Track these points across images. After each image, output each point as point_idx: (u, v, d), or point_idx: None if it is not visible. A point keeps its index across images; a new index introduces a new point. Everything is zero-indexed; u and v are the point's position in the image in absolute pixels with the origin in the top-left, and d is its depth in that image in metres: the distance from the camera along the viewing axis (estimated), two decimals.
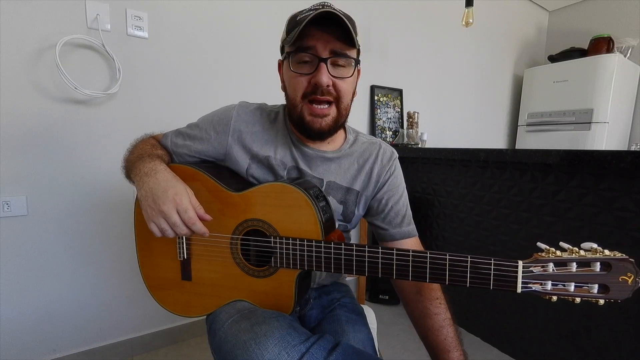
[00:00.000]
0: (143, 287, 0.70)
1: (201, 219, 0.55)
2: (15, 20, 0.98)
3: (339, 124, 0.63)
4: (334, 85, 0.58)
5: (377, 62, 1.85)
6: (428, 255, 0.49)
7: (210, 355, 0.58)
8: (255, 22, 1.42)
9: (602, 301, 0.43)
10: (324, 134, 0.62)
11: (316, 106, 0.59)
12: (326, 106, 0.59)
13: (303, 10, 0.58)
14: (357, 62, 0.60)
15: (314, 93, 0.58)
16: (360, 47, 0.61)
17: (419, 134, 1.83)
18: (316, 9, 0.56)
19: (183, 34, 1.26)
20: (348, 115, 0.65)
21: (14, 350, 1.08)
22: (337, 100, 0.60)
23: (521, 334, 1.28)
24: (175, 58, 1.25)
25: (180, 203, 0.53)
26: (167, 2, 1.21)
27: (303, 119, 0.61)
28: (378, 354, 0.73)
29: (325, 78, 0.56)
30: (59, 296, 1.13)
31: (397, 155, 0.74)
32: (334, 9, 0.55)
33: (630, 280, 0.41)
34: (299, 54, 0.58)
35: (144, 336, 1.29)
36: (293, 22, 0.58)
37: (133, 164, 0.63)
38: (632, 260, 0.42)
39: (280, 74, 0.67)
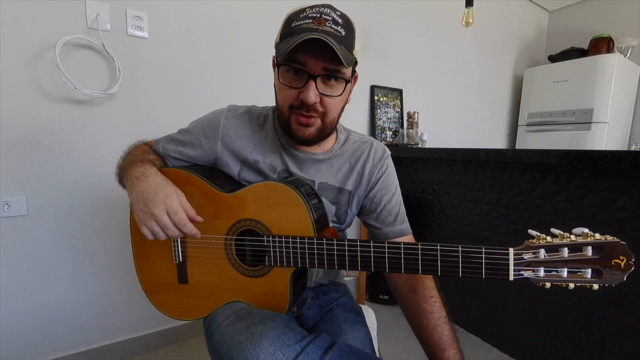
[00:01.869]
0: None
1: (192, 221, 0.55)
2: (15, 20, 0.98)
3: (325, 134, 0.63)
4: (321, 101, 0.57)
5: (377, 62, 1.85)
6: (419, 246, 0.49)
7: (209, 356, 0.58)
8: (255, 23, 1.42)
9: (596, 286, 0.42)
10: (308, 142, 0.62)
11: (302, 117, 0.59)
12: (311, 118, 0.59)
13: (301, 13, 0.56)
14: (348, 81, 0.58)
15: (300, 108, 0.58)
16: (357, 58, 0.59)
17: (419, 134, 1.83)
18: (313, 17, 0.54)
19: (183, 34, 1.26)
20: (335, 125, 0.65)
21: (14, 350, 1.08)
22: (322, 116, 0.59)
23: (521, 334, 1.28)
24: (175, 58, 1.25)
25: (170, 205, 0.53)
26: (167, 2, 1.21)
27: (290, 127, 0.61)
28: (378, 354, 0.73)
29: (312, 96, 0.55)
30: (58, 296, 1.13)
31: (390, 153, 0.73)
32: (326, 25, 0.53)
33: (623, 264, 0.41)
34: (289, 66, 0.56)
35: (143, 336, 1.29)
36: (288, 28, 0.56)
37: (125, 170, 0.63)
38: (624, 243, 0.41)
39: (274, 71, 0.65)
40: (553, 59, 2.45)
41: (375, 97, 1.87)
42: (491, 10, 2.33)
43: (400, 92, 1.98)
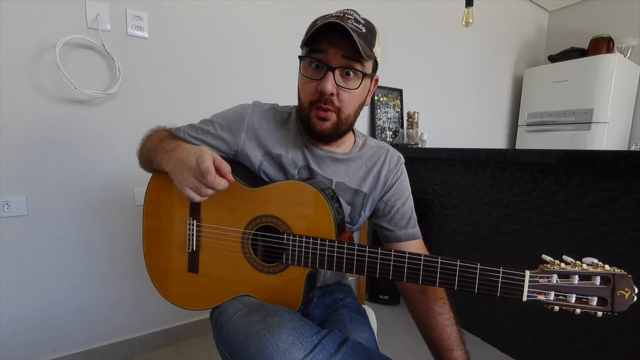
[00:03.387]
0: (143, 287, 0.70)
1: (223, 176, 0.55)
2: (15, 20, 0.98)
3: (340, 130, 0.64)
4: (337, 94, 0.59)
5: None
6: (439, 260, 0.51)
7: (210, 355, 0.58)
8: (256, 23, 1.42)
9: (600, 313, 0.46)
10: (324, 137, 0.64)
11: (320, 111, 0.61)
12: (328, 111, 0.61)
13: (326, 15, 0.60)
14: (364, 74, 0.61)
15: (319, 101, 0.60)
16: (377, 58, 0.62)
17: (419, 134, 1.83)
18: (337, 16, 0.57)
19: (183, 34, 1.26)
20: (352, 124, 0.66)
21: (14, 350, 1.08)
22: (337, 111, 0.61)
23: (521, 334, 1.28)
24: (175, 58, 1.25)
25: (200, 156, 0.54)
26: (167, 2, 1.21)
27: (309, 121, 0.63)
28: None
29: (330, 86, 0.58)
30: (59, 296, 1.13)
31: (404, 160, 0.76)
32: (348, 22, 0.56)
33: (627, 295, 0.45)
34: (310, 59, 0.59)
35: (144, 336, 1.29)
36: (312, 26, 0.60)
37: (155, 147, 0.64)
38: (630, 276, 0.45)
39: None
40: (553, 59, 2.45)
41: (375, 97, 1.87)
42: (491, 10, 2.33)
43: (400, 92, 1.98)
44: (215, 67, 1.34)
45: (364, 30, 0.58)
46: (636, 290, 0.45)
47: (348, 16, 0.58)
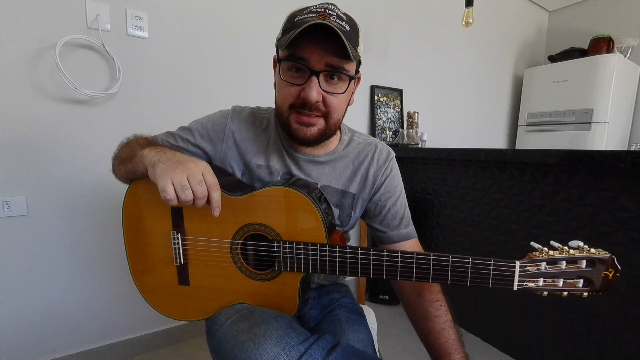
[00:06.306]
0: None
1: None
2: (15, 20, 0.98)
3: (327, 135, 0.61)
4: (324, 100, 0.56)
5: (377, 62, 1.85)
6: (432, 257, 0.51)
7: (210, 356, 0.58)
8: (255, 22, 1.42)
9: (585, 294, 0.48)
10: (309, 143, 0.60)
11: (303, 116, 0.57)
12: (314, 117, 0.57)
13: (304, 10, 0.55)
14: (352, 77, 0.56)
15: (302, 107, 0.56)
16: (361, 57, 0.58)
17: (419, 134, 1.83)
18: (317, 12, 0.53)
19: (183, 34, 1.26)
20: (338, 126, 0.63)
21: (14, 350, 1.08)
22: (325, 116, 0.58)
23: (521, 334, 1.28)
24: (175, 58, 1.25)
25: (205, 168, 0.52)
26: (167, 2, 1.21)
27: (289, 127, 0.59)
28: (378, 354, 0.73)
29: (315, 94, 0.53)
30: (58, 296, 1.13)
31: (394, 156, 0.72)
32: (331, 19, 0.51)
33: (611, 275, 0.47)
34: (291, 63, 0.54)
35: (144, 336, 1.29)
36: (290, 23, 0.54)
37: (134, 151, 0.59)
38: (614, 257, 0.46)
39: (274, 71, 0.64)
40: (553, 59, 2.45)
41: (375, 97, 1.87)
42: (491, 10, 2.33)
43: (400, 92, 1.98)
44: (215, 67, 1.34)
45: (347, 28, 0.53)
46: (620, 270, 0.46)
47: (329, 12, 0.53)
